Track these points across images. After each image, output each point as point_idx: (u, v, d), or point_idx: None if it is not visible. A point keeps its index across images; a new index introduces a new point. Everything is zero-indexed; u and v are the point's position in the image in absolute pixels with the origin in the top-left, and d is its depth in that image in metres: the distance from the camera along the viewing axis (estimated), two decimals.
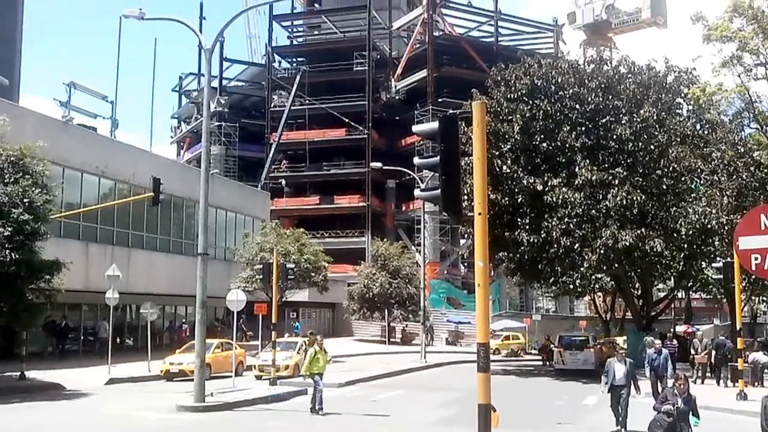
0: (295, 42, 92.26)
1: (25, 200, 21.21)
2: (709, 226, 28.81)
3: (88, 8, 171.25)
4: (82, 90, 58.87)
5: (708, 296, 51.15)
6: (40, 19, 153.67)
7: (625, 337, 39.97)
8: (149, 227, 38.86)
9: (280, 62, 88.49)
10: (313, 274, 40.04)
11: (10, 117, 23.68)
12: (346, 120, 75.25)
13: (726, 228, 27.72)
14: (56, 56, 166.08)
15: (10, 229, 20.57)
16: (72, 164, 32.62)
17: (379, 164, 50.23)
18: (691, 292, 49.85)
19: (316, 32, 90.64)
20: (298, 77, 78.06)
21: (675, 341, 32.90)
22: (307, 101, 77.17)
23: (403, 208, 77.02)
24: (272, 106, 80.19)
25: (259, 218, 49.57)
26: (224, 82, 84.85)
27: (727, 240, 27.08)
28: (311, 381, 18.28)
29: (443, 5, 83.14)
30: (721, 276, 25.89)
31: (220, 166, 73.97)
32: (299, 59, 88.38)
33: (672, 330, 42.69)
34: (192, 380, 19.28)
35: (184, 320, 42.86)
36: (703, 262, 33.60)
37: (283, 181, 77.50)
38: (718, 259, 27.92)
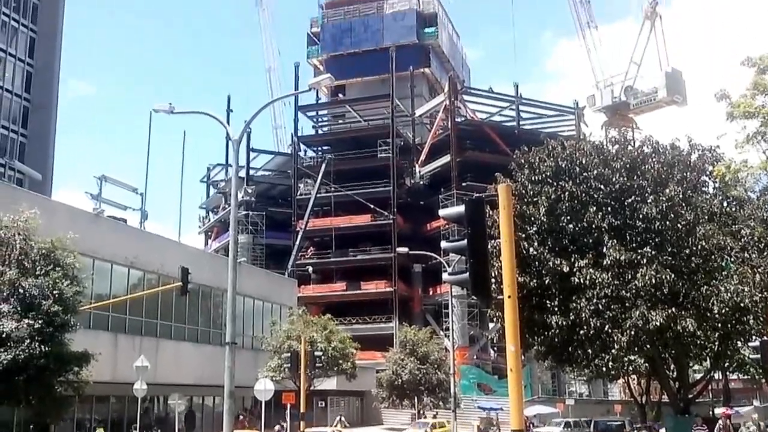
0: (320, 131, 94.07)
1: (55, 292, 21.41)
2: (742, 304, 28.19)
3: (118, 103, 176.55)
4: (112, 183, 60.21)
5: (746, 377, 49.69)
6: (73, 114, 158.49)
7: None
8: (177, 317, 38.93)
9: (305, 151, 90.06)
10: (341, 362, 39.69)
11: (43, 210, 24.15)
12: (372, 206, 75.81)
13: (760, 306, 27.13)
14: (88, 150, 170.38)
15: (40, 321, 20.71)
16: (102, 256, 33.03)
17: (405, 249, 50.40)
18: (728, 373, 48.46)
19: (340, 121, 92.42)
20: (323, 165, 79.24)
21: (704, 426, 31.82)
22: (332, 188, 78.04)
23: (431, 293, 76.58)
24: (298, 194, 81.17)
25: (286, 306, 49.51)
26: (251, 171, 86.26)
27: (762, 318, 26.48)
28: None
29: (464, 92, 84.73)
30: (759, 355, 25.24)
31: (247, 255, 74.44)
32: (324, 148, 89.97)
33: (710, 412, 41.40)
34: None
35: (243, 411, 42.44)
36: (738, 342, 32.74)
37: (310, 268, 77.68)
38: (754, 338, 27.24)
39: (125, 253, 34.95)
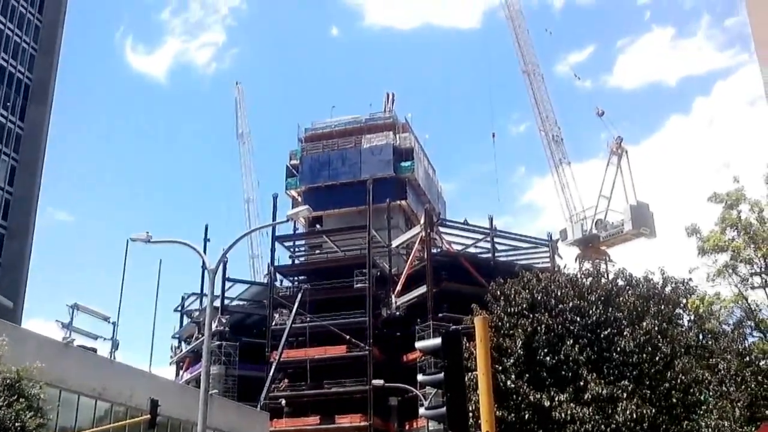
0: (296, 261, 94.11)
1: (17, 424, 20.67)
2: None
3: (95, 231, 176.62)
4: (84, 311, 59.13)
5: None
6: (48, 241, 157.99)
7: None
8: None
9: (282, 281, 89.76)
10: None
11: (11, 339, 23.63)
12: (347, 336, 74.92)
13: None
14: (62, 277, 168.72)
15: None
16: (69, 386, 32.09)
17: (380, 381, 49.56)
18: None
19: (317, 251, 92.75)
20: (299, 296, 78.68)
21: None
22: (308, 318, 77.26)
23: (407, 427, 74.53)
24: (273, 324, 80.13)
25: None
26: (226, 301, 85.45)
27: None
28: None
29: (440, 224, 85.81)
30: None
31: (219, 386, 72.55)
32: (301, 277, 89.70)
33: None
34: None
35: None
36: None
37: (283, 401, 75.65)
38: None
39: (93, 384, 33.99)
